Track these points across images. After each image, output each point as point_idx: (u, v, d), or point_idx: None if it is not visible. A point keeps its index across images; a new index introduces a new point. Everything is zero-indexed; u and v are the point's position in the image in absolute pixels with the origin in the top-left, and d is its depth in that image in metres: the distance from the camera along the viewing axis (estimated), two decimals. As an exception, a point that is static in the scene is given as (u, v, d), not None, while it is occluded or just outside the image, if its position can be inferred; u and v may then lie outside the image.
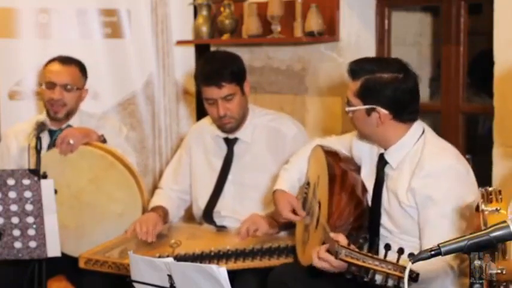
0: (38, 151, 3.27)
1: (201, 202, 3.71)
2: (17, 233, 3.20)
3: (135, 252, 2.60)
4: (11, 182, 3.17)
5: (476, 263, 1.88)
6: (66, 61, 3.78)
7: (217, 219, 3.67)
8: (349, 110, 2.91)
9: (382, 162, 2.95)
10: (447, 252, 1.92)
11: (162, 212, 3.63)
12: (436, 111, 3.96)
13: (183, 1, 4.69)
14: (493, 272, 1.88)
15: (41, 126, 3.39)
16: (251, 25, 4.36)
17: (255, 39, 4.41)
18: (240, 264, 3.19)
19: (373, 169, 3.00)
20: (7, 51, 4.47)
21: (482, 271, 1.88)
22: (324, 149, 3.16)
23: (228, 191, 3.65)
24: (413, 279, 2.43)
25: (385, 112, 2.83)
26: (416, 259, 1.95)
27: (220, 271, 2.24)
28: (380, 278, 2.54)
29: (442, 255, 1.92)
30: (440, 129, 3.82)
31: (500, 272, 1.88)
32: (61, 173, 3.47)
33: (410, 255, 2.10)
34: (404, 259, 2.44)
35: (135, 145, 4.59)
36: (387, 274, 2.50)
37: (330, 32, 4.10)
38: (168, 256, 3.00)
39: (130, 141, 4.38)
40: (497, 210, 1.93)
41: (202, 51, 4.70)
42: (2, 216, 3.19)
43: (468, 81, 3.95)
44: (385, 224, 2.93)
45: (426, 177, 2.79)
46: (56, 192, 3.22)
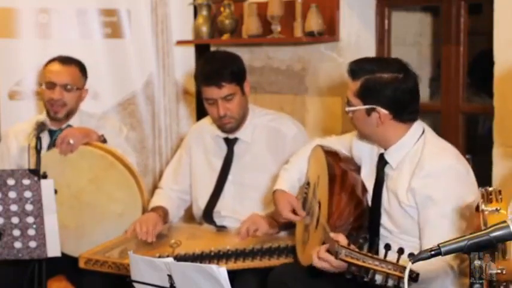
0: (38, 151, 3.26)
1: (201, 202, 3.70)
2: (17, 233, 3.20)
3: (135, 252, 2.60)
4: (11, 182, 3.17)
5: (476, 263, 1.88)
6: (66, 61, 3.78)
7: (217, 219, 3.66)
8: (349, 110, 2.90)
9: (382, 162, 2.95)
10: (447, 252, 1.91)
11: (162, 212, 3.63)
12: (436, 111, 3.96)
13: (183, 1, 4.69)
14: (493, 272, 1.88)
15: (41, 126, 3.39)
16: (251, 25, 4.36)
17: (255, 39, 4.40)
18: (240, 264, 3.19)
19: (373, 169, 3.00)
20: (7, 51, 4.46)
21: (482, 271, 1.88)
22: (324, 149, 3.16)
23: (228, 191, 3.65)
24: (413, 279, 2.43)
25: (385, 112, 2.83)
26: (416, 259, 1.95)
27: (220, 271, 2.24)
28: (380, 278, 2.54)
29: (442, 255, 1.92)
30: (440, 129, 3.82)
31: (500, 272, 1.88)
32: (61, 173, 3.47)
33: (410, 255, 2.10)
34: (404, 259, 2.43)
35: (135, 145, 4.58)
36: (387, 274, 2.50)
37: (330, 32, 4.09)
38: (168, 256, 3.00)
39: (130, 141, 4.38)
40: (497, 210, 1.93)
41: (202, 51, 4.69)
42: (2, 216, 3.19)
43: (468, 81, 3.95)
44: (385, 224, 2.93)
45: (426, 177, 2.78)
46: (56, 192, 3.21)
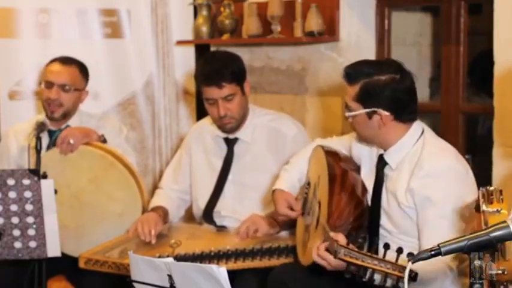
0: (38, 151, 3.26)
1: (201, 202, 3.70)
2: (17, 233, 3.20)
3: (135, 252, 2.60)
4: (11, 182, 3.17)
5: (476, 263, 1.88)
6: (66, 61, 3.78)
7: (217, 219, 3.66)
8: (349, 115, 2.89)
9: (381, 163, 2.95)
10: (447, 252, 1.91)
11: (162, 212, 3.63)
12: (436, 111, 3.96)
13: (183, 1, 4.69)
14: (493, 272, 1.88)
15: (41, 126, 3.39)
16: (251, 25, 4.36)
17: (255, 39, 4.40)
18: (240, 264, 3.19)
19: (373, 169, 2.99)
20: (7, 51, 4.46)
21: (482, 271, 1.87)
22: (324, 149, 3.16)
23: (228, 191, 3.65)
24: (412, 278, 2.43)
25: (387, 114, 2.82)
26: (416, 259, 1.95)
27: (220, 271, 2.24)
28: (379, 277, 2.54)
29: (442, 255, 1.91)
30: (440, 129, 3.82)
31: (502, 272, 1.87)
32: (61, 173, 3.47)
33: (410, 255, 2.10)
34: (403, 259, 2.44)
35: (135, 145, 4.58)
36: (386, 274, 2.50)
37: (330, 32, 4.09)
38: (168, 256, 3.00)
39: (130, 141, 4.38)
40: (498, 211, 1.92)
41: (202, 51, 4.69)
42: (2, 216, 3.19)
43: (468, 81, 3.95)
44: (385, 224, 2.93)
45: (425, 177, 2.78)
46: (56, 192, 3.21)
